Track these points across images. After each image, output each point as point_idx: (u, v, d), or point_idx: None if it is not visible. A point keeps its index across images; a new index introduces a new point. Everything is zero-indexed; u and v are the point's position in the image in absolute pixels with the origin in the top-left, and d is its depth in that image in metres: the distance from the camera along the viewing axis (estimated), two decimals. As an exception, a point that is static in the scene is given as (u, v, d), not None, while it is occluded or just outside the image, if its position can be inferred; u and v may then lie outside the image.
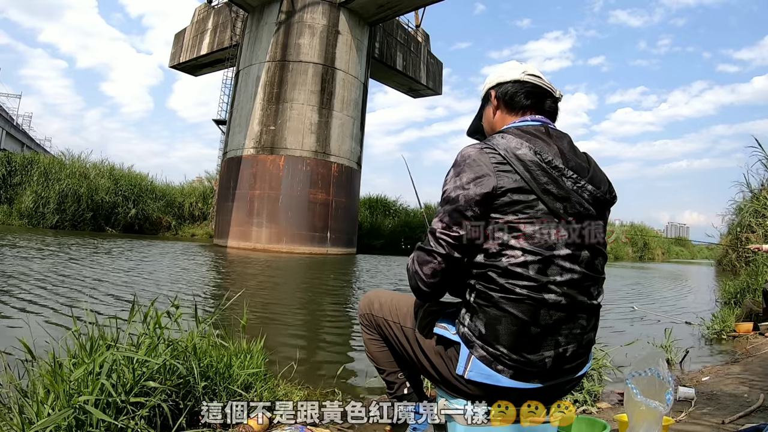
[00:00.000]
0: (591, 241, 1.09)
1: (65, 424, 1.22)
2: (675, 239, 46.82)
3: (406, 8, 16.83)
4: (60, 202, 17.06)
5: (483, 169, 1.04)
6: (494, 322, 1.04)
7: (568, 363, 1.08)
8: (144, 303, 1.81)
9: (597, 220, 1.10)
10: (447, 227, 1.06)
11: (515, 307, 1.02)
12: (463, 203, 1.04)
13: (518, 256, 1.02)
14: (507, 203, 1.03)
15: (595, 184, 1.10)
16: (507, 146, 1.06)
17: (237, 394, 1.66)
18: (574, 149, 1.14)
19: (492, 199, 1.03)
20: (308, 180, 15.00)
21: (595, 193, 1.09)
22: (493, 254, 1.04)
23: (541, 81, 1.21)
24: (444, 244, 1.06)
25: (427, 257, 1.09)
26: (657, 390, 1.20)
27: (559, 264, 1.04)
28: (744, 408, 1.94)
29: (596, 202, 1.10)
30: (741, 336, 3.95)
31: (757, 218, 9.42)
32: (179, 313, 1.77)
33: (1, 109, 32.65)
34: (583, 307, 1.08)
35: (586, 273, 1.08)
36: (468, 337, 1.08)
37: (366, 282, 8.10)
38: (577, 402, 2.04)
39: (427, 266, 1.09)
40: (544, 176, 1.04)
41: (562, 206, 1.04)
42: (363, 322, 1.45)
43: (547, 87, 1.22)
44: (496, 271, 1.04)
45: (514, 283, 1.02)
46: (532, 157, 1.05)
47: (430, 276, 1.09)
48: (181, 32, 22.76)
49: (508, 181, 1.03)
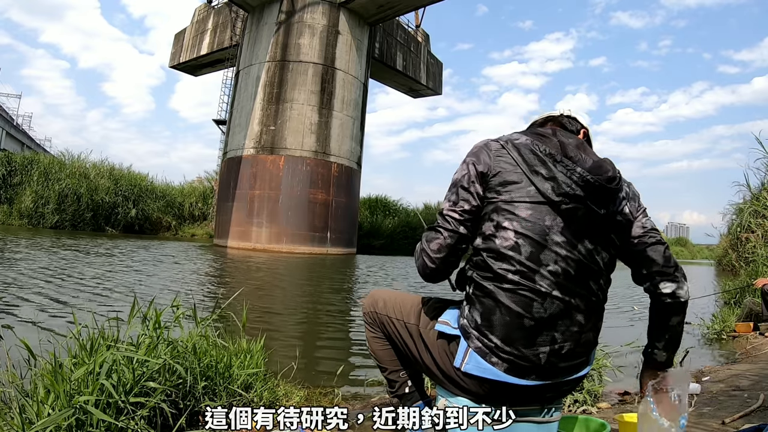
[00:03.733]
0: (590, 232, 1.08)
1: (65, 424, 1.22)
2: (675, 240, 46.87)
3: (406, 8, 16.85)
4: (60, 202, 17.09)
5: (482, 153, 1.15)
6: (489, 313, 1.06)
7: (564, 361, 1.07)
8: (144, 303, 1.81)
9: (592, 206, 1.07)
10: (453, 204, 1.14)
11: (509, 298, 1.04)
12: (466, 181, 1.13)
13: (510, 238, 1.06)
14: (500, 183, 1.10)
15: (593, 171, 1.09)
16: (509, 138, 1.17)
17: (237, 394, 1.66)
18: (582, 146, 1.15)
19: (486, 177, 1.12)
20: (308, 180, 15.01)
21: (585, 176, 1.07)
22: (488, 236, 1.08)
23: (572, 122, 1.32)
24: (450, 220, 1.13)
25: (434, 234, 1.16)
26: (673, 411, 1.16)
27: (554, 250, 1.05)
28: (744, 408, 1.94)
29: (586, 184, 1.07)
30: (741, 336, 3.95)
31: (757, 219, 9.43)
32: (179, 313, 1.77)
33: (1, 109, 32.65)
34: (581, 302, 1.07)
35: (585, 264, 1.07)
36: (466, 329, 1.10)
37: (366, 282, 8.10)
38: (577, 402, 2.04)
39: (434, 242, 1.15)
40: (535, 159, 1.10)
41: (550, 186, 1.07)
42: (367, 320, 1.45)
43: (563, 115, 1.33)
44: (490, 255, 1.07)
45: (507, 269, 1.04)
46: (526, 143, 1.13)
47: (436, 251, 1.14)
48: (181, 32, 22.77)
49: (502, 163, 1.11)
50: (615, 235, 1.15)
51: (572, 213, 1.07)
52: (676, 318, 1.16)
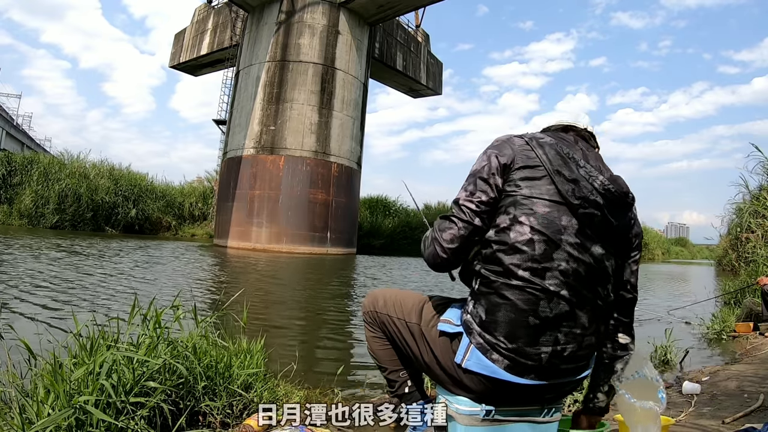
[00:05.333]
0: (603, 238, 1.09)
1: (65, 424, 1.22)
2: (675, 240, 46.85)
3: (406, 8, 16.83)
4: (60, 202, 17.08)
5: (506, 146, 1.14)
6: (494, 309, 1.06)
7: (566, 363, 1.07)
8: (144, 303, 1.81)
9: (608, 215, 1.08)
10: (470, 194, 1.12)
11: (515, 295, 1.04)
12: (486, 172, 1.11)
13: (525, 233, 1.05)
14: (522, 177, 1.09)
15: (612, 183, 1.10)
16: (532, 135, 1.17)
17: (237, 394, 1.66)
18: (601, 160, 1.18)
19: (509, 170, 1.10)
20: (308, 180, 15.01)
21: (606, 185, 1.09)
22: (502, 228, 1.08)
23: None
24: (466, 211, 1.11)
25: (448, 224, 1.13)
26: (649, 391, 1.20)
27: (567, 250, 1.05)
28: (744, 408, 1.94)
29: (606, 192, 1.08)
30: (741, 336, 3.96)
31: (757, 219, 9.43)
32: (179, 313, 1.77)
33: (1, 109, 32.65)
34: (587, 305, 1.07)
35: (595, 268, 1.07)
36: (469, 325, 1.10)
37: (366, 282, 8.09)
38: (577, 402, 2.04)
39: (447, 232, 1.12)
40: (559, 159, 1.10)
41: (571, 188, 1.07)
42: (366, 319, 1.45)
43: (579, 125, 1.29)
44: (502, 248, 1.06)
45: (518, 264, 1.04)
46: (552, 144, 1.13)
47: (449, 241, 1.12)
48: (181, 32, 22.76)
49: (526, 158, 1.11)
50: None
51: (589, 217, 1.07)
52: (620, 365, 1.22)
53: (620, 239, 1.13)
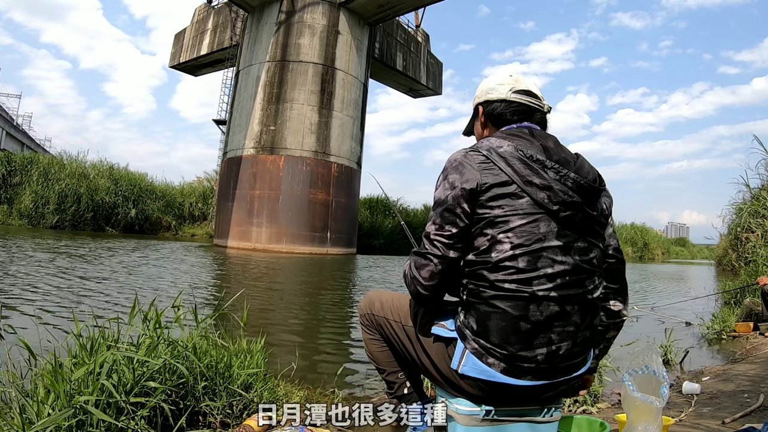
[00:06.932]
0: (584, 232, 1.09)
1: (66, 424, 1.22)
2: (675, 240, 46.83)
3: (406, 8, 16.83)
4: (60, 202, 17.08)
5: (467, 168, 1.08)
6: (485, 318, 1.06)
7: (562, 362, 1.07)
8: (144, 303, 1.81)
9: (587, 209, 1.08)
10: (440, 228, 1.08)
11: (505, 303, 1.04)
12: (452, 202, 1.07)
13: (506, 250, 1.04)
14: (492, 197, 1.05)
15: (581, 174, 1.10)
16: (489, 146, 1.11)
17: (237, 394, 1.66)
18: (560, 146, 1.16)
19: (477, 195, 1.06)
20: (308, 180, 15.01)
21: (579, 181, 1.08)
22: (483, 251, 1.06)
23: (529, 99, 1.22)
24: (439, 245, 1.08)
25: (423, 261, 1.10)
26: (653, 386, 1.21)
27: (550, 256, 1.04)
28: (744, 408, 1.94)
29: (581, 189, 1.08)
30: (741, 336, 3.96)
31: (757, 218, 9.43)
32: (179, 314, 1.77)
33: (1, 109, 32.65)
34: (577, 301, 1.07)
35: (580, 265, 1.07)
36: (462, 331, 1.10)
37: (366, 282, 8.10)
38: (577, 402, 2.04)
39: (424, 270, 1.10)
40: (526, 169, 1.06)
41: (546, 195, 1.05)
42: (363, 322, 1.45)
43: (535, 105, 1.23)
44: (486, 267, 1.05)
45: (504, 278, 1.04)
46: (513, 152, 1.08)
47: (428, 279, 1.10)
48: (181, 32, 22.76)
49: (491, 176, 1.06)
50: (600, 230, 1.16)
51: (570, 219, 1.07)
52: (614, 332, 1.24)
53: (600, 222, 1.13)
